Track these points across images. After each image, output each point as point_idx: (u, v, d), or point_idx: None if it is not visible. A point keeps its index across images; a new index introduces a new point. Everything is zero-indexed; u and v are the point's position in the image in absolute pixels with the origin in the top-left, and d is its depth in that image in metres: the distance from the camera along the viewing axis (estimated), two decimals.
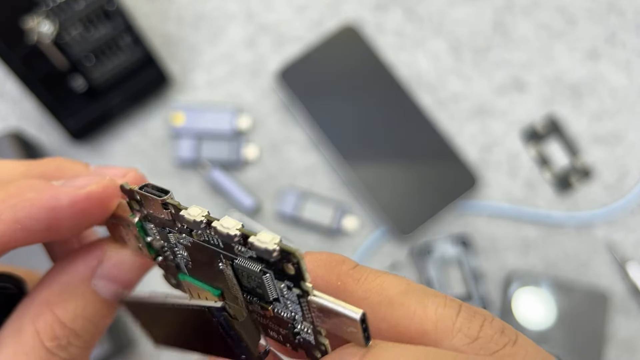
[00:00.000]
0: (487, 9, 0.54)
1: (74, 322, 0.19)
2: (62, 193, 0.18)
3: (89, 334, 0.20)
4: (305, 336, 0.17)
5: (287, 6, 0.54)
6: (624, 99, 0.53)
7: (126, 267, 0.20)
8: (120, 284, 0.20)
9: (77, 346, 0.19)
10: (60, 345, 0.19)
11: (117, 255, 0.20)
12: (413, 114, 0.51)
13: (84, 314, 0.19)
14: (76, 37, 0.47)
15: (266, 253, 0.15)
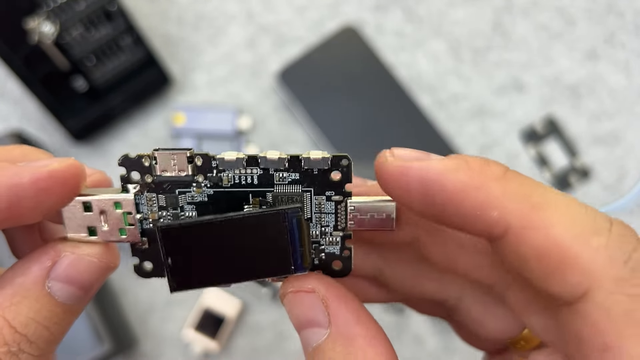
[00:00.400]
0: (487, 10, 0.54)
1: (25, 327, 0.18)
2: (24, 171, 0.17)
3: (42, 340, 0.18)
4: (330, 249, 0.19)
5: (288, 7, 0.54)
6: (623, 100, 0.53)
7: (83, 267, 0.19)
8: (78, 286, 0.19)
9: (29, 353, 0.18)
10: (9, 352, 0.17)
11: (73, 255, 0.19)
12: (413, 115, 0.51)
13: (37, 318, 0.18)
14: (77, 38, 0.47)
15: (322, 161, 0.18)
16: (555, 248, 0.15)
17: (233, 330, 0.48)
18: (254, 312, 0.49)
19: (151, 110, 0.52)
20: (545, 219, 0.15)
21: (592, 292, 0.15)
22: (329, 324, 0.18)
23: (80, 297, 0.19)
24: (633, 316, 0.14)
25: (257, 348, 0.49)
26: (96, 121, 0.49)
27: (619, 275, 0.15)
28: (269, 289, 0.48)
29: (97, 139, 0.51)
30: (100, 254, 0.19)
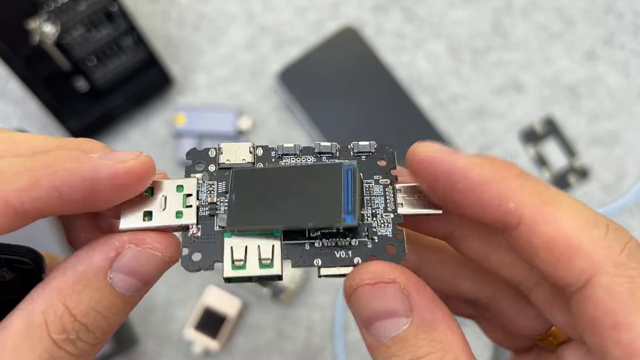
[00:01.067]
0: (486, 10, 0.54)
1: (85, 316, 0.18)
2: (102, 165, 0.18)
3: (100, 330, 0.18)
4: (382, 232, 0.20)
5: (288, 7, 0.54)
6: (622, 100, 0.53)
7: (146, 260, 0.19)
8: (138, 278, 0.19)
9: (87, 342, 0.18)
10: (68, 340, 0.18)
11: (137, 247, 0.19)
12: (413, 115, 0.51)
13: (97, 308, 0.18)
14: (78, 38, 0.47)
15: (369, 146, 0.21)
16: (562, 238, 0.17)
17: (233, 330, 0.49)
18: (255, 312, 0.49)
19: (152, 111, 0.52)
20: (554, 213, 0.17)
21: (596, 276, 0.17)
22: (411, 313, 0.18)
23: (140, 289, 0.19)
24: (635, 294, 0.16)
25: (258, 347, 0.49)
26: (97, 121, 0.49)
27: (618, 260, 0.17)
28: (269, 288, 0.48)
29: (97, 139, 0.51)
30: (164, 248, 0.19)
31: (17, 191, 0.17)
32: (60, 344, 0.18)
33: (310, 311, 0.49)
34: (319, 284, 0.50)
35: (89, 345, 0.18)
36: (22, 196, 0.17)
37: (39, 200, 0.17)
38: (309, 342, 0.49)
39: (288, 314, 0.49)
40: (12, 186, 0.17)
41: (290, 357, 0.49)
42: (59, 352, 0.18)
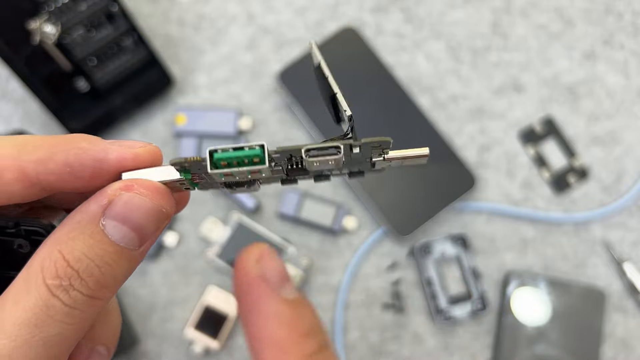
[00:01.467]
0: (486, 11, 0.55)
1: (77, 262, 0.18)
2: (111, 149, 0.19)
3: (93, 279, 0.18)
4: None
5: (288, 8, 0.54)
6: (621, 100, 0.53)
7: (136, 206, 0.19)
8: (130, 226, 0.19)
9: (80, 291, 0.18)
10: (61, 286, 0.18)
11: (127, 194, 0.19)
12: (412, 115, 0.52)
13: (90, 255, 0.18)
14: (79, 39, 0.47)
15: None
16: None
17: (234, 329, 0.49)
18: None
19: (152, 111, 0.52)
20: None
21: None
22: None
23: (133, 240, 0.19)
24: None
25: None
26: (98, 122, 0.50)
27: None
28: None
29: None
30: (152, 194, 0.19)
31: (35, 162, 0.18)
32: (54, 290, 0.18)
33: None
34: (319, 284, 0.50)
35: (82, 295, 0.18)
36: (38, 168, 0.18)
37: (53, 173, 0.18)
38: None
39: None
40: (31, 157, 0.18)
41: None
42: (53, 300, 0.18)
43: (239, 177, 0.19)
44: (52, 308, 0.18)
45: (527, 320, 0.48)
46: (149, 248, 0.20)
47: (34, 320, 0.18)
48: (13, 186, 0.18)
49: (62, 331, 0.18)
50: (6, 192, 0.19)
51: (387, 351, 0.49)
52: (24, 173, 0.18)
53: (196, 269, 0.50)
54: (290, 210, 0.49)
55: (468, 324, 0.50)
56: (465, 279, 0.49)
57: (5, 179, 0.18)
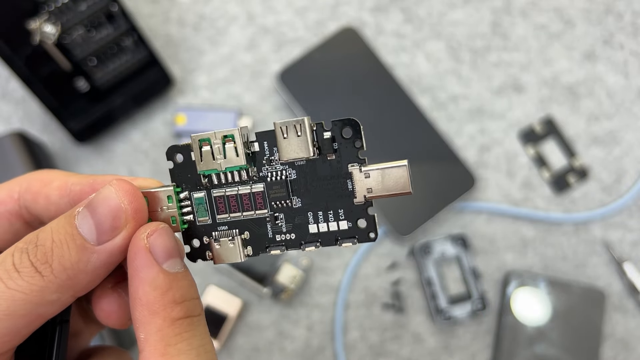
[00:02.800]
0: (486, 11, 0.55)
1: (42, 232, 0.20)
2: (134, 181, 0.22)
3: (42, 249, 0.20)
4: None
5: (288, 8, 0.54)
6: (621, 100, 0.53)
7: (104, 199, 0.20)
8: (92, 216, 0.20)
9: (28, 256, 0.19)
10: (20, 249, 0.20)
11: (104, 189, 0.21)
12: (412, 115, 0.52)
13: (54, 230, 0.20)
14: (79, 39, 0.47)
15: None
16: None
17: (233, 329, 0.49)
18: (255, 312, 0.49)
19: (152, 111, 0.52)
20: None
21: None
22: None
23: (90, 229, 0.20)
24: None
25: (258, 347, 0.49)
26: (97, 122, 0.50)
27: None
28: (270, 288, 0.48)
29: (98, 140, 0.52)
30: (120, 191, 0.21)
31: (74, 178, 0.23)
32: (14, 251, 0.20)
33: (310, 311, 0.50)
34: (319, 284, 0.50)
35: (28, 260, 0.19)
36: (74, 180, 0.23)
37: (79, 184, 0.23)
38: (308, 342, 0.49)
39: (288, 313, 0.49)
40: (74, 179, 0.23)
41: (290, 356, 0.49)
42: (7, 258, 0.20)
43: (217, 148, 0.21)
44: (2, 265, 0.19)
45: (527, 320, 0.48)
46: (109, 255, 0.20)
47: None
48: (54, 191, 0.23)
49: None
50: (47, 197, 0.23)
51: (387, 351, 0.49)
52: (65, 183, 0.23)
53: (196, 269, 0.50)
54: None
55: (468, 323, 0.50)
56: (465, 279, 0.49)
57: (53, 185, 0.23)
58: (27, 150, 0.46)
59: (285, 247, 0.21)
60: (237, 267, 0.48)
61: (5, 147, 0.45)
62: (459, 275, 0.50)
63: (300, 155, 0.20)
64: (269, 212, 0.21)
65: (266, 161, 0.21)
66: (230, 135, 0.20)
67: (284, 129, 0.20)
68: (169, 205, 0.21)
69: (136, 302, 0.20)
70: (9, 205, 0.23)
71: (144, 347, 0.20)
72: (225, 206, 0.21)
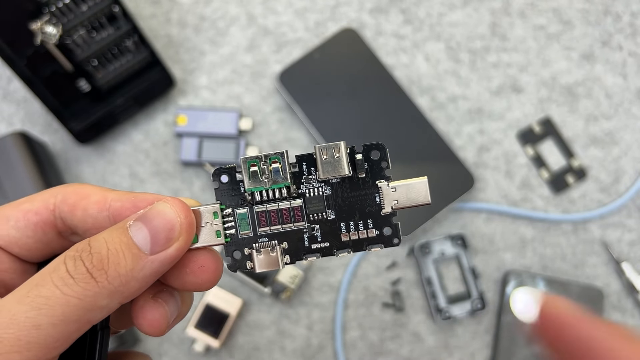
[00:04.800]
0: (485, 12, 0.55)
1: (94, 241, 0.21)
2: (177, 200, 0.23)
3: (98, 256, 0.20)
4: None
5: (288, 9, 0.55)
6: (619, 101, 0.53)
7: (159, 213, 0.22)
8: (148, 228, 0.21)
9: (83, 263, 0.20)
10: (72, 256, 0.20)
11: (159, 204, 0.22)
12: (412, 115, 0.52)
13: (107, 239, 0.21)
14: (80, 40, 0.47)
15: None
16: None
17: (234, 328, 0.49)
18: (255, 311, 0.49)
19: (153, 112, 0.52)
20: None
21: None
22: None
23: (145, 239, 0.21)
24: None
25: (258, 346, 0.49)
26: (99, 122, 0.50)
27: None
28: (270, 287, 0.48)
29: (99, 140, 0.52)
30: (176, 206, 0.22)
31: (113, 194, 0.23)
32: (66, 258, 0.20)
33: (310, 310, 0.50)
34: (319, 283, 0.50)
35: (83, 266, 0.20)
36: (114, 196, 0.23)
37: (119, 201, 0.23)
38: (308, 341, 0.49)
39: (288, 313, 0.50)
40: (113, 194, 0.23)
41: (290, 355, 0.49)
42: (60, 265, 0.20)
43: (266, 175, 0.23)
44: (55, 272, 0.20)
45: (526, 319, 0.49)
46: (159, 265, 0.22)
47: (37, 279, 0.20)
48: (92, 206, 0.23)
49: (50, 295, 0.19)
50: (85, 210, 0.23)
51: (387, 350, 0.49)
52: (104, 198, 0.23)
53: None
54: None
55: (467, 323, 0.50)
56: (465, 278, 0.50)
57: (91, 199, 0.23)
58: (28, 151, 0.46)
59: (320, 254, 0.23)
60: None
61: (7, 148, 0.46)
62: (458, 274, 0.50)
63: (337, 174, 0.23)
64: (307, 223, 0.23)
65: (305, 179, 0.24)
66: (276, 157, 0.23)
67: (323, 151, 0.23)
68: (214, 221, 0.23)
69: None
70: (44, 215, 0.23)
71: None
72: (266, 220, 0.23)
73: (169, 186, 0.51)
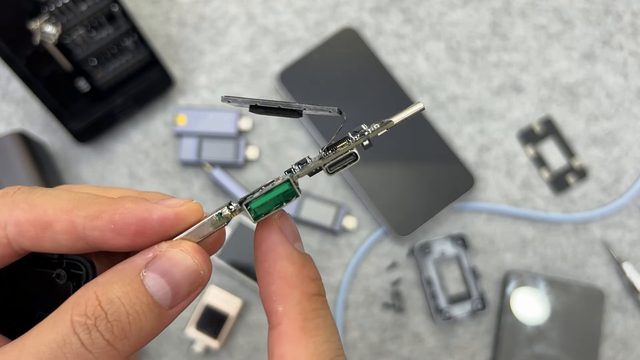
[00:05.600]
0: (485, 11, 0.55)
1: (109, 303, 0.18)
2: (155, 208, 0.20)
3: (119, 325, 0.18)
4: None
5: (288, 8, 0.54)
6: (620, 101, 0.53)
7: (178, 264, 0.20)
8: (169, 282, 0.20)
9: (102, 334, 0.18)
10: (85, 324, 0.18)
11: (175, 253, 0.20)
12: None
13: (123, 299, 0.19)
14: (79, 39, 0.47)
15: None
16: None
17: (234, 329, 0.49)
18: (255, 311, 0.49)
19: (153, 111, 0.52)
20: (304, 342, 0.21)
21: None
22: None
23: (167, 295, 0.20)
24: None
25: (258, 346, 0.49)
26: (98, 122, 0.50)
27: None
28: None
29: (99, 140, 0.52)
30: (194, 253, 0.20)
31: (84, 217, 0.20)
32: (76, 327, 0.18)
33: None
34: None
35: (102, 339, 0.18)
36: (86, 222, 0.20)
37: (97, 229, 0.20)
38: None
39: None
40: (81, 212, 0.20)
41: None
42: (72, 337, 0.18)
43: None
44: (67, 345, 0.18)
45: (526, 320, 0.49)
46: (177, 315, 0.20)
47: (48, 354, 0.18)
48: (61, 236, 0.20)
49: None
50: (54, 241, 0.20)
51: (387, 351, 0.49)
52: (73, 226, 0.20)
53: None
54: (290, 210, 0.50)
55: (468, 323, 0.50)
56: (465, 278, 0.50)
57: (55, 229, 0.20)
58: (27, 151, 0.46)
59: None
60: (238, 267, 0.49)
61: (6, 147, 0.46)
62: (458, 275, 0.50)
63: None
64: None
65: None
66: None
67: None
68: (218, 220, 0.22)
69: (274, 276, 0.21)
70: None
71: (281, 320, 0.21)
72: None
73: (169, 186, 0.51)
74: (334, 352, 0.21)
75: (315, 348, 0.20)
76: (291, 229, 0.22)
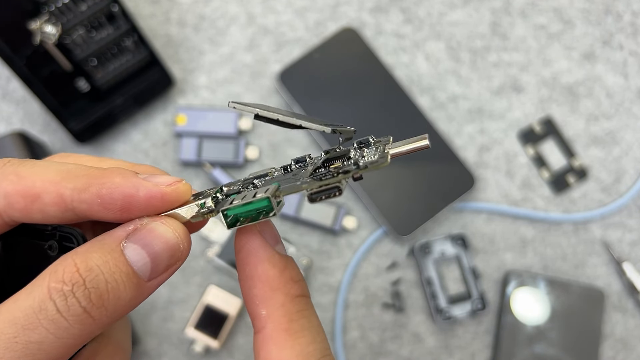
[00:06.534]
0: (485, 11, 0.55)
1: (87, 270, 0.18)
2: (142, 185, 0.20)
3: (96, 292, 0.18)
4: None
5: (288, 8, 0.54)
6: (620, 100, 0.53)
7: (159, 237, 0.20)
8: (149, 254, 0.19)
9: (78, 300, 0.18)
10: (62, 291, 0.18)
11: (156, 225, 0.20)
12: (412, 115, 0.52)
13: (102, 267, 0.18)
14: (79, 39, 0.47)
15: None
16: None
17: (234, 329, 0.49)
18: None
19: (153, 111, 0.52)
20: (289, 344, 0.21)
21: None
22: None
23: (146, 266, 0.20)
24: None
25: None
26: (98, 122, 0.50)
27: None
28: None
29: (99, 140, 0.52)
30: (175, 227, 0.20)
31: (71, 190, 0.20)
32: (53, 293, 0.18)
33: None
34: (319, 284, 0.50)
35: (79, 306, 0.18)
36: (74, 195, 0.20)
37: (85, 202, 0.20)
38: None
39: None
40: (69, 184, 0.20)
41: None
42: (48, 303, 0.18)
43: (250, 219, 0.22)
44: (43, 312, 0.18)
45: (526, 320, 0.49)
46: (154, 289, 0.20)
47: (22, 320, 0.18)
48: (50, 208, 0.20)
49: (43, 340, 0.17)
50: (43, 212, 0.20)
51: (387, 351, 0.49)
52: (61, 198, 0.20)
53: (196, 269, 0.50)
54: (290, 210, 0.50)
55: (468, 323, 0.50)
56: (465, 278, 0.50)
57: (44, 200, 0.20)
58: (27, 150, 0.46)
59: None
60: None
61: (6, 147, 0.46)
62: (458, 275, 0.50)
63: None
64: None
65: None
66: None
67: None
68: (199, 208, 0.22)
69: (255, 280, 0.21)
70: None
71: (265, 324, 0.21)
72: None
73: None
74: (320, 353, 0.21)
75: (301, 349, 0.20)
76: (271, 232, 0.22)
